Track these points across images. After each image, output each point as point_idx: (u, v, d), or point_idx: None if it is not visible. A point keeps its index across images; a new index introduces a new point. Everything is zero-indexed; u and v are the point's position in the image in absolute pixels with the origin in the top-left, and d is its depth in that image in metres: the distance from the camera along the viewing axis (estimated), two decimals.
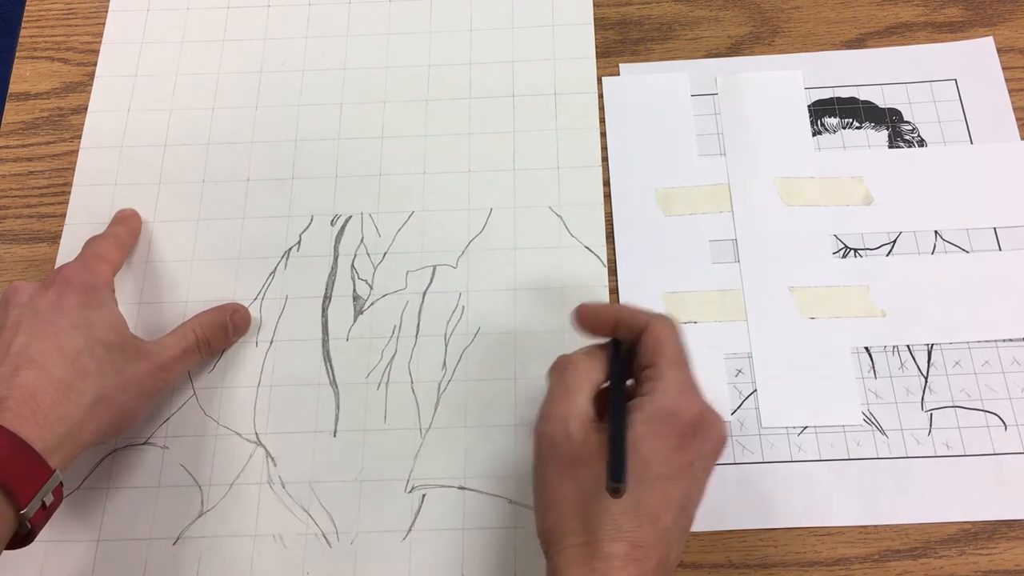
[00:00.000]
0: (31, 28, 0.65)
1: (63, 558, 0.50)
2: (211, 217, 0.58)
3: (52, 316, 0.47)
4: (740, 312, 0.54)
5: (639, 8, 0.64)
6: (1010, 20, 0.61)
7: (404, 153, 0.59)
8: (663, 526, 0.40)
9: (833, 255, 0.55)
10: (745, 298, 0.54)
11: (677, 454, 0.41)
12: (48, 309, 0.47)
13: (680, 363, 0.43)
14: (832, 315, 0.53)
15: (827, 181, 0.57)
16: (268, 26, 0.64)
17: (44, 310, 0.47)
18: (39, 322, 0.46)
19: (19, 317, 0.46)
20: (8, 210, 0.59)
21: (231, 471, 0.52)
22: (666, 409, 0.41)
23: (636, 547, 0.39)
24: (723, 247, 0.56)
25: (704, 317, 0.54)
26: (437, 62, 0.62)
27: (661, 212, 0.57)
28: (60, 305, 0.47)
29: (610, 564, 0.39)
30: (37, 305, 0.47)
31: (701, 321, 0.54)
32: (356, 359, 0.54)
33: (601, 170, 0.58)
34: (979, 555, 0.48)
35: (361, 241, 0.57)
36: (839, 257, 0.55)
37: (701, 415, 0.42)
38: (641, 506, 0.40)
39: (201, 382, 0.54)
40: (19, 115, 0.62)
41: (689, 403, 0.42)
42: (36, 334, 0.46)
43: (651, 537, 0.39)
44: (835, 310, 0.54)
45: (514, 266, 0.56)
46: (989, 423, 0.51)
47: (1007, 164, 0.57)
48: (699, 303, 0.54)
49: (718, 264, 0.55)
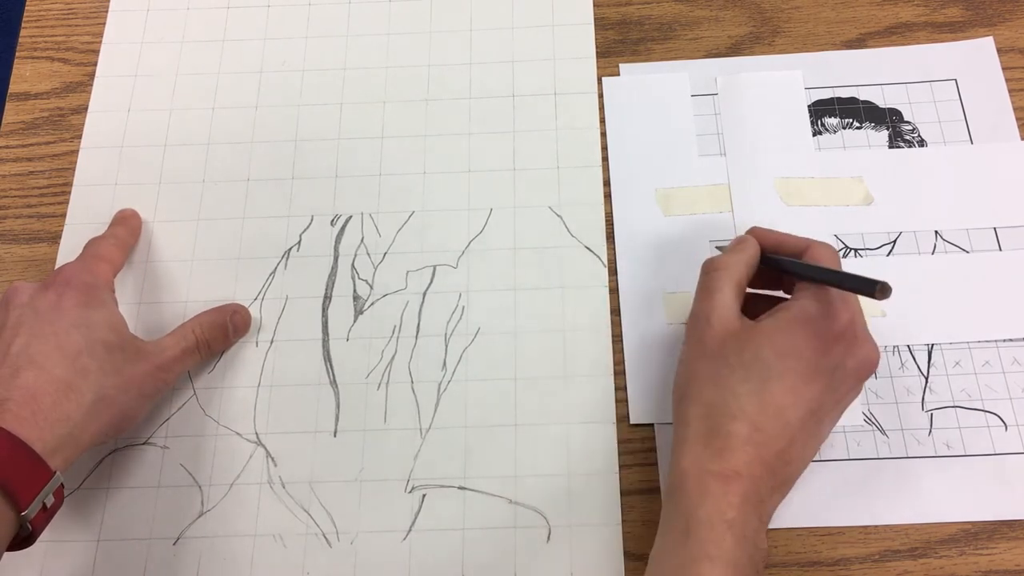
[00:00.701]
0: (31, 28, 0.65)
1: (63, 558, 0.50)
2: (211, 217, 0.58)
3: (52, 316, 0.46)
4: None
5: (639, 8, 0.64)
6: (1010, 20, 0.61)
7: (404, 153, 0.59)
8: (788, 419, 0.41)
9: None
10: None
11: (815, 355, 0.42)
12: (48, 309, 0.47)
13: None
14: None
15: (827, 181, 0.57)
16: (268, 26, 0.64)
17: (44, 310, 0.47)
18: (39, 322, 0.46)
19: (19, 318, 0.46)
20: (8, 210, 0.59)
21: (231, 471, 0.52)
22: (811, 311, 0.44)
23: (757, 430, 0.40)
24: (723, 247, 0.56)
25: None
26: (437, 62, 0.62)
27: (661, 212, 0.57)
28: (60, 305, 0.47)
29: (728, 443, 0.40)
30: (37, 305, 0.47)
31: None
32: (356, 359, 0.54)
33: (601, 170, 0.58)
34: (979, 555, 0.48)
35: (361, 241, 0.57)
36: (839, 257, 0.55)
37: (851, 328, 0.43)
38: (766, 393, 0.41)
39: (201, 382, 0.54)
40: (19, 115, 0.62)
41: (838, 312, 0.43)
42: (36, 334, 0.45)
43: (774, 427, 0.41)
44: None
45: (514, 266, 0.56)
46: (989, 423, 0.51)
47: (1007, 164, 0.57)
48: None
49: None
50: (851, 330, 0.44)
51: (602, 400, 0.52)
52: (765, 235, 0.49)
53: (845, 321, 0.43)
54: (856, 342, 0.44)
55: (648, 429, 0.52)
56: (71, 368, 0.45)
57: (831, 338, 0.43)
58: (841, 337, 0.43)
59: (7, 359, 0.44)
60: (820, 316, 0.43)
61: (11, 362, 0.44)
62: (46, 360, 0.44)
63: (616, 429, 0.52)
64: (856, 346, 0.44)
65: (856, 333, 0.44)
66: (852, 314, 0.44)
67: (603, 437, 0.51)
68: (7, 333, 0.46)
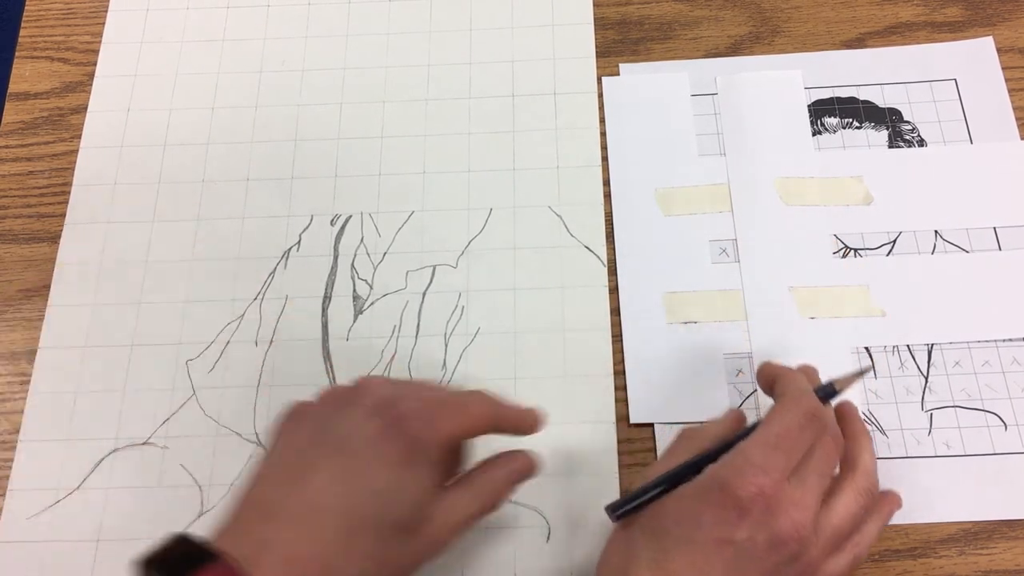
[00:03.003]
0: (31, 28, 0.65)
1: (63, 558, 0.50)
2: (211, 217, 0.58)
3: (360, 465, 0.38)
4: (740, 312, 0.54)
5: (639, 8, 0.64)
6: (1010, 20, 0.61)
7: (404, 153, 0.59)
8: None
9: (833, 255, 0.55)
10: (745, 298, 0.54)
11: (716, 525, 0.38)
12: (364, 448, 0.38)
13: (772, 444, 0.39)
14: (832, 315, 0.53)
15: (827, 181, 0.57)
16: (268, 26, 0.64)
17: (360, 449, 0.38)
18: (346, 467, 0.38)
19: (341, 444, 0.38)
20: (8, 210, 0.59)
21: (231, 471, 0.52)
22: (718, 478, 0.39)
23: None
24: (723, 247, 0.56)
25: (704, 317, 0.54)
26: (437, 62, 0.62)
27: (661, 212, 0.57)
28: (378, 451, 0.38)
29: None
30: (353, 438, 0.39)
31: (702, 321, 0.54)
32: (356, 359, 0.54)
33: (601, 170, 0.58)
34: (979, 555, 0.48)
35: (361, 241, 0.57)
36: (839, 257, 0.55)
37: (761, 497, 0.38)
38: (665, 562, 0.39)
39: (201, 382, 0.54)
40: (19, 115, 0.62)
41: (747, 480, 0.38)
42: (336, 480, 0.38)
43: None
44: (835, 310, 0.54)
45: (514, 266, 0.56)
46: (989, 423, 0.51)
47: (1007, 164, 0.57)
48: (699, 303, 0.54)
49: (718, 264, 0.55)
50: (762, 499, 0.38)
51: (602, 400, 0.52)
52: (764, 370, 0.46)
53: (754, 488, 0.38)
54: (769, 513, 0.38)
55: (648, 429, 0.52)
56: (342, 545, 0.37)
57: (736, 508, 0.38)
58: (747, 510, 0.38)
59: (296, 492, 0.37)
60: (726, 484, 0.38)
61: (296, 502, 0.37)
62: (325, 523, 0.37)
63: (616, 429, 0.52)
64: (768, 517, 0.38)
65: (769, 504, 0.38)
66: (769, 481, 0.38)
67: (603, 437, 0.51)
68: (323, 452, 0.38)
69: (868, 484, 0.42)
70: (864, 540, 0.42)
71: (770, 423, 0.41)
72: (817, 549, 0.40)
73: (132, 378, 0.54)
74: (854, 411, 0.46)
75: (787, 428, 0.40)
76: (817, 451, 0.41)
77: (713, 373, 0.52)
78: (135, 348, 0.55)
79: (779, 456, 0.39)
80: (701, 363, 0.53)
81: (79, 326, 0.55)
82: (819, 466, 0.40)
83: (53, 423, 0.53)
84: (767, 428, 0.40)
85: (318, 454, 0.39)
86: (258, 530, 0.37)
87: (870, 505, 0.43)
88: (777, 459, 0.39)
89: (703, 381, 0.52)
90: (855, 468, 0.43)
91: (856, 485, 0.42)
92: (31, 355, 0.55)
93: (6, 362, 0.55)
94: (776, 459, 0.39)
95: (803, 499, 0.39)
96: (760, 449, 0.39)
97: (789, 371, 0.45)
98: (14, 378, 0.54)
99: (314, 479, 0.38)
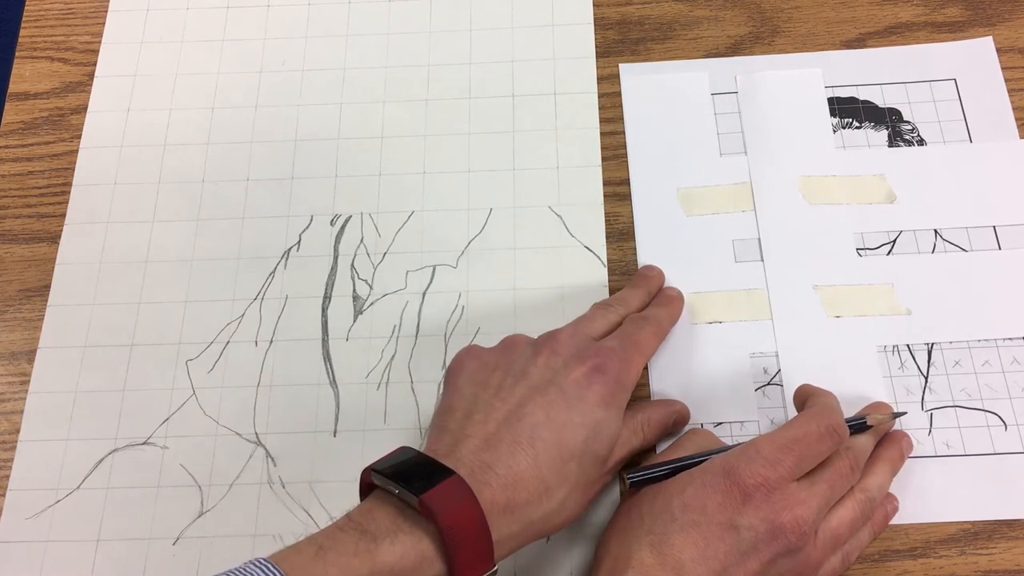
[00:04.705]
0: (31, 28, 0.65)
1: (63, 558, 0.50)
2: (211, 217, 0.58)
3: (573, 404, 0.42)
4: (765, 311, 0.54)
5: (639, 8, 0.64)
6: (1010, 20, 0.61)
7: (404, 153, 0.59)
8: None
9: (856, 253, 0.55)
10: (770, 297, 0.54)
11: (720, 511, 0.40)
12: (573, 392, 0.42)
13: (785, 444, 0.41)
14: (856, 314, 0.53)
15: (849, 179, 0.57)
16: (268, 26, 0.64)
17: (570, 392, 0.42)
18: (560, 405, 0.42)
19: (547, 384, 0.43)
20: (8, 210, 0.59)
21: (231, 471, 0.52)
22: (727, 464, 0.41)
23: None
24: (746, 246, 0.56)
25: (729, 317, 0.54)
26: (437, 62, 0.62)
27: (683, 212, 0.57)
28: (584, 395, 0.43)
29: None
30: (565, 382, 0.43)
31: (726, 321, 0.54)
32: (356, 359, 0.54)
33: (601, 170, 0.58)
34: (979, 555, 0.48)
35: (361, 241, 0.57)
36: (861, 255, 0.55)
37: (764, 487, 0.40)
38: (666, 546, 0.39)
39: (201, 382, 0.54)
40: (19, 115, 0.62)
41: (754, 470, 0.40)
42: (552, 418, 0.41)
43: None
44: (859, 308, 0.53)
45: (514, 266, 0.56)
46: (989, 423, 0.51)
47: (1006, 163, 0.57)
48: (724, 303, 0.54)
49: (742, 263, 0.55)
50: (764, 489, 0.40)
51: None
52: (798, 391, 0.49)
53: (759, 478, 0.40)
54: (771, 504, 0.40)
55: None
56: (559, 471, 0.41)
57: (741, 495, 0.40)
58: (750, 497, 0.40)
59: (515, 425, 0.41)
60: (734, 471, 0.41)
61: (516, 433, 0.41)
62: (545, 451, 0.40)
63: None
64: (770, 508, 0.40)
65: (771, 495, 0.40)
66: (775, 475, 0.40)
67: None
68: (529, 392, 0.42)
69: (874, 496, 0.45)
70: (856, 545, 0.45)
71: (789, 426, 0.43)
72: (816, 549, 0.42)
73: (132, 378, 0.54)
74: (901, 441, 0.48)
75: (804, 433, 0.42)
76: (834, 464, 0.43)
77: (740, 373, 0.52)
78: (135, 348, 0.55)
79: (789, 456, 0.41)
80: (727, 363, 0.53)
81: (79, 326, 0.55)
82: (831, 477, 0.43)
83: (53, 423, 0.53)
84: (784, 430, 0.42)
85: (526, 394, 0.42)
86: (481, 456, 0.40)
87: (869, 514, 0.45)
88: (787, 458, 0.41)
89: (730, 381, 0.52)
90: (867, 479, 0.45)
91: (862, 495, 0.44)
92: (31, 355, 0.55)
93: (6, 362, 0.55)
94: (786, 458, 0.41)
95: (807, 499, 0.41)
96: (772, 446, 0.42)
97: (823, 391, 0.47)
98: (14, 378, 0.54)
99: (530, 416, 0.41)
